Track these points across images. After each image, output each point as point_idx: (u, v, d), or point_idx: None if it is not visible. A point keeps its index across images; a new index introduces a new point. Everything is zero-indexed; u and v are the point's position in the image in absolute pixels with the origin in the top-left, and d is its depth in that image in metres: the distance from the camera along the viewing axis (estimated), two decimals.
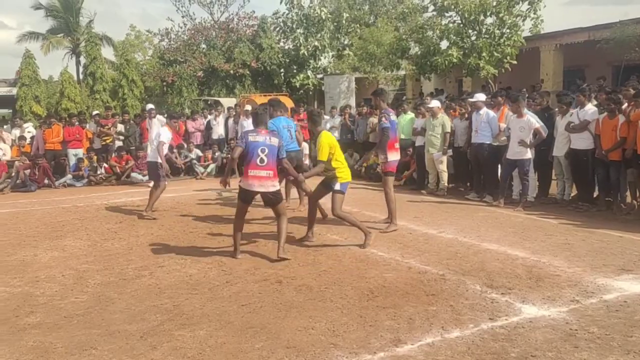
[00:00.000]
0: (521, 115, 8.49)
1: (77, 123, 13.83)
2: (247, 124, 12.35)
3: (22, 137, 13.87)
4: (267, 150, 5.94)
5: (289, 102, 18.08)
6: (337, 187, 6.46)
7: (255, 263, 5.92)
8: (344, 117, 14.26)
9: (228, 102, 19.04)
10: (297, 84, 23.00)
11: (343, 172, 6.49)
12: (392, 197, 7.41)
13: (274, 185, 6.01)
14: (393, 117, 7.58)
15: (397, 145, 7.61)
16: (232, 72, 22.98)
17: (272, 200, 6.10)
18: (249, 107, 14.24)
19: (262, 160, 5.91)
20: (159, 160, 8.64)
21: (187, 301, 4.83)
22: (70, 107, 21.82)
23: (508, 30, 15.99)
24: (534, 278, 5.20)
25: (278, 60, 23.67)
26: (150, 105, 13.59)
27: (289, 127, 8.13)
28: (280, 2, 23.32)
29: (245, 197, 6.10)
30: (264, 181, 5.93)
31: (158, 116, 12.75)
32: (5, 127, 15.16)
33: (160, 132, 8.79)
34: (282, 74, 24.23)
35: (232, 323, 4.30)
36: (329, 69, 24.14)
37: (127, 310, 4.65)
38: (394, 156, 7.45)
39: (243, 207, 6.20)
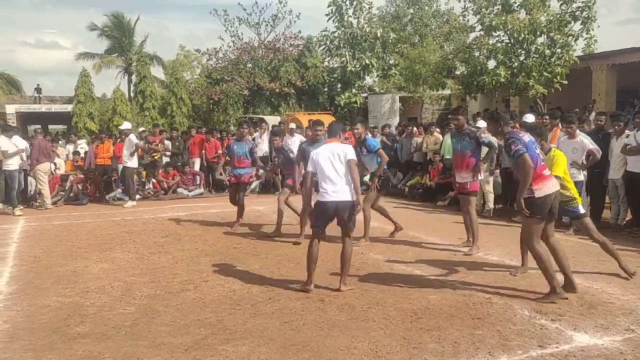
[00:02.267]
0: (574, 137, 8.25)
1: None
2: (292, 141, 12.46)
3: (76, 152, 14.46)
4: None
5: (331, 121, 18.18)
6: (582, 210, 5.92)
7: (298, 280, 5.91)
8: (382, 136, 14.26)
9: (272, 120, 19.31)
10: (342, 103, 23.13)
11: (576, 192, 5.91)
12: (475, 217, 7.17)
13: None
14: None
15: None
16: (277, 90, 23.34)
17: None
18: (293, 125, 14.39)
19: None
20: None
21: (230, 316, 4.86)
22: (121, 124, 22.59)
23: (559, 50, 15.67)
24: (586, 305, 4.99)
25: (322, 79, 23.92)
26: (126, 124, 13.18)
27: None
28: (328, 20, 23.63)
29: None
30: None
31: (131, 135, 12.41)
32: (60, 142, 15.79)
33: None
34: (326, 93, 24.45)
35: (274, 340, 4.30)
36: (375, 88, 24.21)
37: (172, 323, 4.72)
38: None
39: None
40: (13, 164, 11.31)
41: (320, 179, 5.51)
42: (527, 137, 5.24)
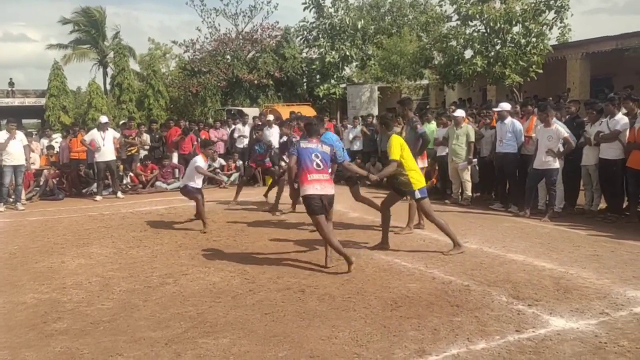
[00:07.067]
0: (549, 125, 8.37)
1: None
2: (270, 133, 12.42)
3: (50, 147, 14.18)
4: (320, 156, 5.98)
5: (311, 112, 18.18)
6: (418, 195, 6.51)
7: (278, 272, 5.92)
8: (363, 126, 14.32)
9: (251, 112, 19.21)
10: (321, 94, 23.09)
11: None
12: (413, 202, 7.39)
13: (332, 188, 6.03)
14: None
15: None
16: (255, 82, 23.19)
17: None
18: (271, 117, 14.33)
19: (318, 165, 5.93)
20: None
21: (210, 309, 4.85)
22: (98, 118, 22.27)
23: (534, 39, 15.84)
24: (561, 290, 5.09)
25: (301, 70, 23.83)
26: (104, 118, 13.05)
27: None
28: (304, 10, 23.52)
29: (314, 205, 5.85)
30: (324, 183, 5.92)
31: (109, 129, 12.55)
32: (34, 136, 15.47)
33: None
34: (305, 84, 24.37)
35: (255, 331, 4.30)
36: (354, 79, 24.21)
37: (151, 318, 4.69)
38: (419, 164, 7.46)
39: (321, 218, 5.90)
40: None
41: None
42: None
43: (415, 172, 6.55)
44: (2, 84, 34.28)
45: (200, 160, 8.54)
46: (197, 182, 8.59)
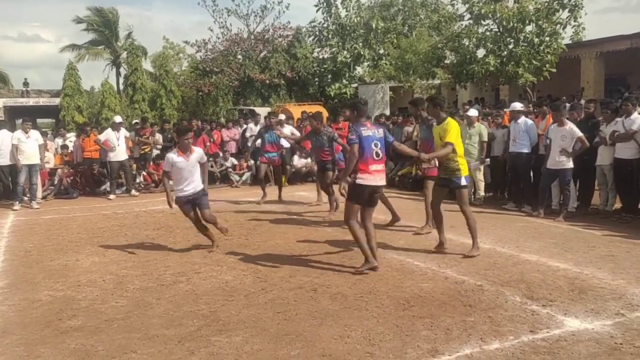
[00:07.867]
0: (563, 124, 8.30)
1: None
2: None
3: (64, 146, 14.31)
4: (379, 144, 5.76)
5: (323, 112, 18.17)
6: (464, 182, 6.36)
7: (291, 271, 5.93)
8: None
9: (263, 111, 19.25)
10: (332, 93, 23.07)
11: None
12: (430, 199, 7.36)
13: (384, 180, 5.88)
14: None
15: None
16: (267, 81, 23.24)
17: (376, 199, 5.92)
18: (282, 116, 14.34)
19: (377, 154, 5.73)
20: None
21: (223, 307, 4.87)
22: (111, 117, 22.44)
23: (548, 38, 15.74)
24: (576, 290, 5.05)
25: (313, 70, 23.85)
26: (118, 118, 13.16)
27: None
28: (317, 11, 23.56)
29: (362, 195, 5.71)
30: (382, 174, 5.80)
31: (122, 129, 12.67)
32: (48, 135, 15.62)
33: None
34: (316, 83, 24.38)
35: (268, 330, 4.31)
36: (365, 78, 24.19)
37: (165, 315, 4.71)
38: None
39: (358, 208, 5.80)
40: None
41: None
42: None
43: (463, 159, 6.42)
44: (17, 83, 34.60)
45: (170, 155, 6.75)
46: (185, 189, 6.67)
